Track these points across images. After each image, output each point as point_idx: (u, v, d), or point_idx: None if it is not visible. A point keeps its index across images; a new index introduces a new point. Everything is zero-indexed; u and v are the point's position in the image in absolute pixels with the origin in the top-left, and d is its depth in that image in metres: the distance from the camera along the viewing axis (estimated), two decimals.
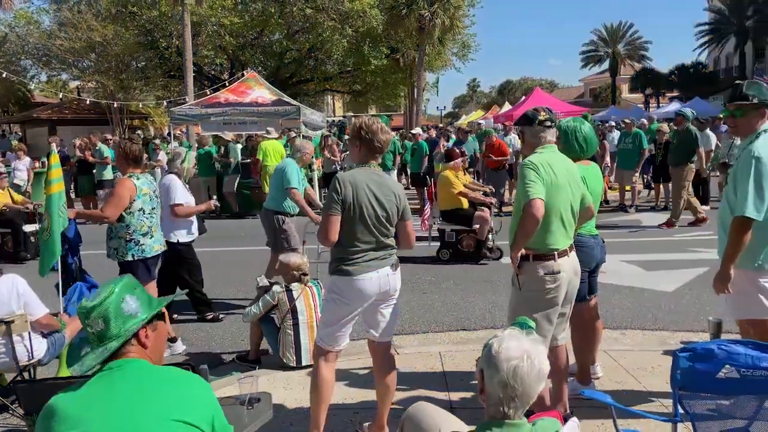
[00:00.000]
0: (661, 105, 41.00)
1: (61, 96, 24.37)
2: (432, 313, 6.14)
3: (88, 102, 21.35)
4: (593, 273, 4.10)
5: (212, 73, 28.59)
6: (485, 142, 12.55)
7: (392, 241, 3.29)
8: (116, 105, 21.82)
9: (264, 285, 4.98)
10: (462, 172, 8.74)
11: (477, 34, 32.27)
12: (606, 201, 13.24)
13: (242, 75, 16.63)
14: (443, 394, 4.12)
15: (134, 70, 25.94)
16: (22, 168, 12.81)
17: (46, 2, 26.29)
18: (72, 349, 1.85)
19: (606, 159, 12.63)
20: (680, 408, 2.12)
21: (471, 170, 12.39)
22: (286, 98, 14.93)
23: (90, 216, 5.81)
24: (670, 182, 10.87)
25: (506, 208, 11.62)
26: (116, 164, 5.21)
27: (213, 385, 4.09)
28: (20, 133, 28.78)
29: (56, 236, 5.35)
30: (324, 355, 3.32)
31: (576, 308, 3.87)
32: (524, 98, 27.01)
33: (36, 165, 13.81)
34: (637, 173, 12.01)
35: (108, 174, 13.16)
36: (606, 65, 52.26)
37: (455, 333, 5.60)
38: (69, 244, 4.94)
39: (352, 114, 40.65)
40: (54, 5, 25.65)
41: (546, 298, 3.25)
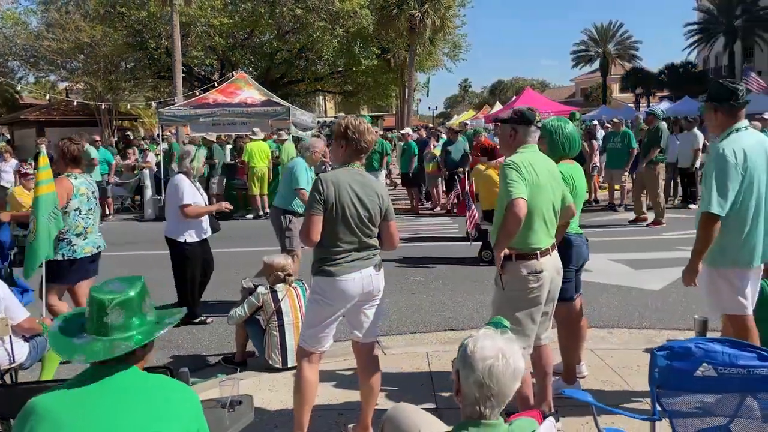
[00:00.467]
0: (652, 104, 41.19)
1: (49, 97, 24.16)
2: (420, 314, 6.13)
3: (76, 103, 21.17)
4: (578, 271, 4.12)
5: (202, 74, 28.46)
6: (474, 142, 12.54)
7: (375, 242, 3.27)
8: (104, 106, 21.67)
9: (248, 287, 4.95)
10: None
11: (468, 35, 32.30)
12: (596, 200, 13.30)
13: (232, 76, 16.56)
14: (429, 395, 4.11)
15: (123, 71, 25.75)
16: (8, 170, 12.69)
17: (34, 3, 26.04)
18: (57, 338, 1.78)
19: (595, 158, 12.67)
20: (658, 406, 2.11)
21: (461, 170, 12.40)
22: (276, 99, 14.88)
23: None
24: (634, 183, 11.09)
25: None
26: (55, 165, 5.08)
27: (195, 388, 4.07)
28: (8, 135, 28.52)
29: (41, 238, 5.29)
30: (307, 356, 3.30)
31: (561, 307, 3.87)
32: (515, 98, 27.05)
33: (23, 167, 13.67)
34: (626, 172, 12.05)
35: (96, 175, 13.05)
36: (597, 65, 52.54)
37: (443, 333, 5.60)
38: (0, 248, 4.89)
39: (344, 115, 40.61)
40: (42, 6, 25.42)
41: (529, 298, 3.25)
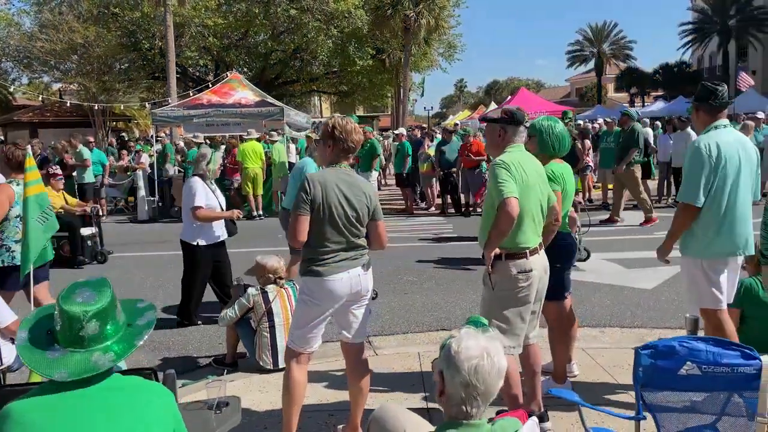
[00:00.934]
0: (646, 104, 41.30)
1: (43, 98, 24.06)
2: (412, 314, 6.12)
3: (69, 104, 21.09)
4: (568, 271, 4.12)
5: (197, 75, 28.40)
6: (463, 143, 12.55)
7: (363, 242, 3.26)
8: (98, 107, 21.59)
9: (239, 285, 4.94)
10: None
11: (463, 35, 32.37)
12: (589, 200, 13.31)
13: (226, 76, 16.52)
14: (420, 395, 4.10)
15: (117, 72, 25.66)
16: None
17: (27, 4, 25.90)
18: (30, 352, 1.69)
19: (588, 158, 12.69)
20: (643, 405, 2.11)
21: (453, 170, 12.40)
22: (270, 99, 14.86)
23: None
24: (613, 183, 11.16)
25: None
26: None
27: (184, 390, 4.05)
28: (1, 137, 28.40)
29: (31, 240, 5.25)
30: (296, 357, 3.29)
31: (552, 307, 3.88)
32: (510, 98, 27.08)
33: (52, 167, 13.61)
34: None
35: (89, 177, 13.01)
36: (591, 65, 52.60)
37: (435, 333, 5.59)
38: None
39: (339, 115, 40.50)
40: (35, 7, 25.32)
41: (518, 297, 3.25)
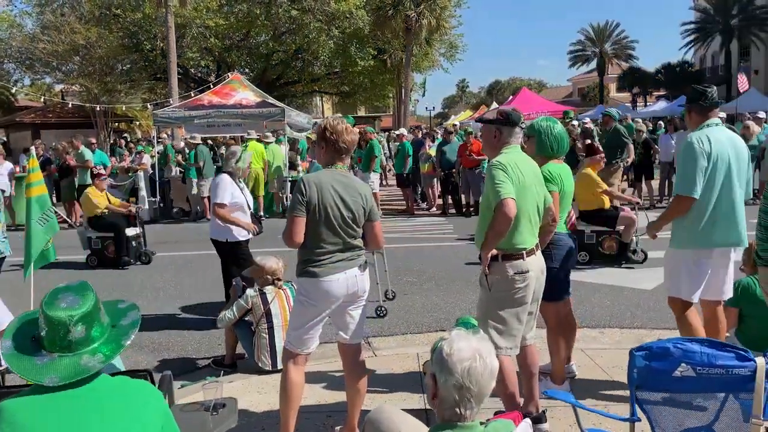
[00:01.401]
0: (649, 104, 41.23)
1: (45, 99, 24.11)
2: (411, 315, 6.12)
3: (71, 105, 21.14)
4: (568, 272, 4.11)
5: (199, 75, 28.44)
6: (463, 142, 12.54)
7: (360, 242, 3.26)
8: (100, 108, 21.65)
9: (237, 284, 4.95)
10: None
11: (464, 35, 32.39)
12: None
13: (228, 77, 16.55)
14: (419, 396, 4.09)
15: (119, 73, 25.76)
16: (3, 173, 12.65)
17: (29, 5, 25.96)
18: (17, 359, 1.69)
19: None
20: (637, 407, 2.11)
21: (454, 171, 12.39)
22: (271, 100, 14.87)
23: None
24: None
25: None
26: None
27: (182, 391, 4.05)
28: (3, 137, 28.51)
29: (33, 241, 5.27)
30: (293, 358, 3.29)
31: (551, 308, 3.87)
32: (511, 98, 27.08)
33: (17, 170, 13.66)
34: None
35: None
36: (593, 65, 52.50)
37: (434, 334, 5.57)
38: None
39: (340, 115, 40.56)
40: (37, 8, 25.39)
41: (515, 298, 3.25)
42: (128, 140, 19.50)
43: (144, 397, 1.75)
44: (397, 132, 15.64)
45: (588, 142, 9.33)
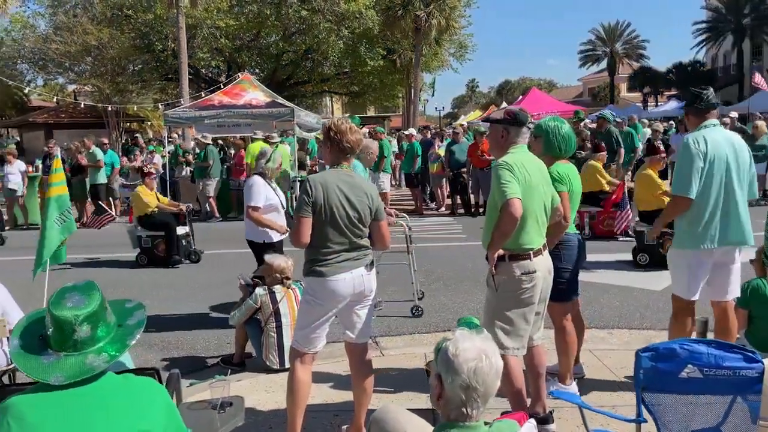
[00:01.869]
0: (660, 103, 40.93)
1: (57, 100, 24.30)
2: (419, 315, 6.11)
3: (83, 105, 21.32)
4: (576, 272, 4.09)
5: (209, 76, 28.57)
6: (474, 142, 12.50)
7: (366, 242, 3.27)
8: (111, 108, 21.80)
9: (246, 282, 4.97)
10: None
11: (474, 35, 32.24)
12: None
13: (238, 77, 16.61)
14: (426, 396, 4.09)
15: (130, 74, 25.93)
16: (15, 172, 12.77)
17: (42, 6, 26.19)
18: (24, 358, 1.72)
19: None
20: (644, 408, 2.10)
21: (463, 171, 12.37)
22: (280, 100, 14.91)
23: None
24: None
25: None
26: None
27: (191, 390, 4.07)
28: (17, 137, 28.79)
29: (47, 240, 5.32)
30: (300, 357, 3.30)
31: (559, 309, 3.86)
32: (521, 98, 27.00)
33: (30, 169, 13.79)
34: (630, 171, 11.97)
35: (101, 178, 13.14)
36: (604, 64, 52.21)
37: (442, 334, 5.51)
38: None
39: (350, 115, 40.61)
40: (50, 9, 25.62)
41: (522, 298, 3.24)
42: (138, 140, 19.60)
43: (149, 395, 1.76)
44: (406, 132, 15.61)
45: (648, 143, 9.44)
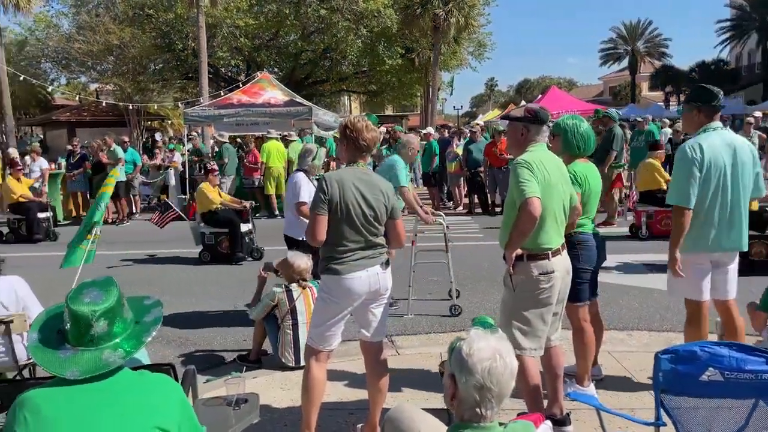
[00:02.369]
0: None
1: (80, 98, 24.61)
2: (435, 314, 6.09)
3: (105, 104, 21.60)
4: (595, 273, 4.04)
5: (229, 75, 28.77)
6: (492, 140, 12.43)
7: (382, 240, 3.26)
8: (132, 107, 22.06)
9: (265, 275, 5.02)
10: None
11: (493, 33, 32.08)
12: (621, 201, 13.05)
13: (257, 76, 16.71)
14: (441, 395, 4.07)
15: (151, 73, 26.19)
16: (36, 169, 12.99)
17: (65, 6, 26.57)
18: (42, 352, 1.74)
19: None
20: (663, 411, 2.06)
21: (480, 170, 12.30)
22: (299, 99, 14.98)
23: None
24: None
25: None
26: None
27: (207, 386, 4.10)
28: (41, 135, 29.25)
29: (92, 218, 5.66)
30: (315, 355, 3.30)
31: (577, 310, 3.81)
32: (541, 96, 26.78)
33: (52, 167, 14.00)
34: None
35: (121, 175, 13.27)
36: (625, 63, 51.60)
37: (458, 334, 5.51)
38: None
39: (366, 113, 40.55)
40: (73, 9, 25.98)
41: (540, 298, 3.20)
42: (158, 138, 19.81)
43: (164, 392, 1.77)
44: (424, 131, 15.57)
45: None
